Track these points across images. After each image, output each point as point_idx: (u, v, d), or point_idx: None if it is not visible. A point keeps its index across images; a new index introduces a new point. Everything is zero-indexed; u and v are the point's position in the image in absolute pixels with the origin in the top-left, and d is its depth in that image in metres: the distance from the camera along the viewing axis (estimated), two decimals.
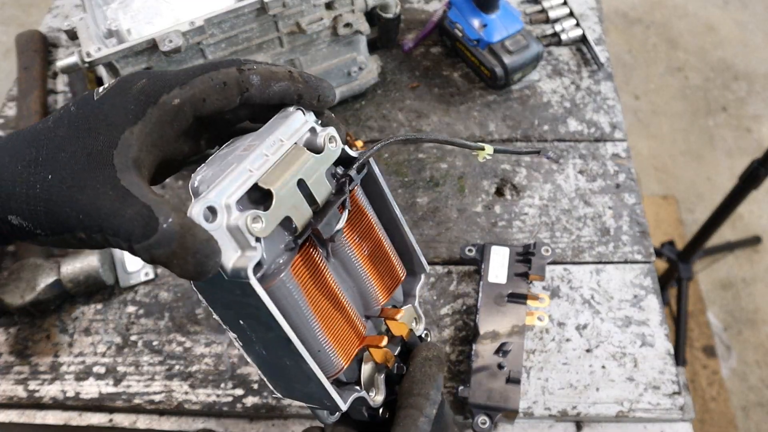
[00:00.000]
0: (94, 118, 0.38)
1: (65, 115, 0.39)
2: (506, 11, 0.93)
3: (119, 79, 0.40)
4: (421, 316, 0.49)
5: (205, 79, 0.40)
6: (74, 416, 0.72)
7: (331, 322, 0.42)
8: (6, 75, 2.51)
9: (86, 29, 0.73)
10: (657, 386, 0.70)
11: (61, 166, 0.37)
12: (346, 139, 0.44)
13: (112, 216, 0.36)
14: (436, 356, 0.44)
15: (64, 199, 0.36)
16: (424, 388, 0.42)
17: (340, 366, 0.42)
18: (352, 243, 0.44)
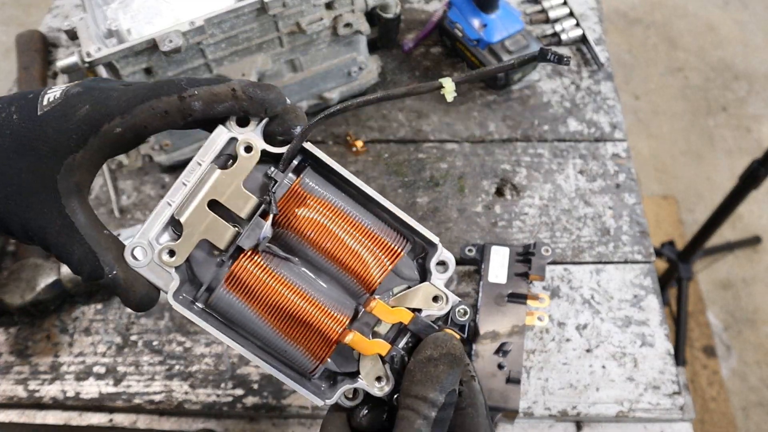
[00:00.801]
0: (37, 138, 0.40)
1: (7, 121, 0.40)
2: (506, 11, 0.93)
3: (64, 98, 0.40)
4: (445, 293, 0.44)
5: (146, 108, 0.40)
6: (74, 416, 0.72)
7: (289, 324, 0.42)
8: (6, 75, 2.51)
9: (86, 29, 0.73)
10: (657, 386, 0.70)
11: (7, 179, 0.39)
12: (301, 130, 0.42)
13: (60, 247, 0.40)
14: (445, 354, 0.40)
15: (11, 213, 0.40)
16: (423, 390, 0.39)
17: (310, 365, 0.43)
18: (310, 239, 0.43)
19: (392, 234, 0.45)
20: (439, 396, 0.39)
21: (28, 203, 0.40)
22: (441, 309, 0.44)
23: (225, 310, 0.43)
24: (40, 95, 0.41)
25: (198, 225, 0.41)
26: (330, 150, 0.91)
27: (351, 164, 0.89)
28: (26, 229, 0.40)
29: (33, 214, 0.40)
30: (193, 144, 0.87)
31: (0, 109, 0.40)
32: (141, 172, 0.90)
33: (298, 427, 0.71)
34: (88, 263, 0.40)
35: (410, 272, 0.45)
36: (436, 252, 0.44)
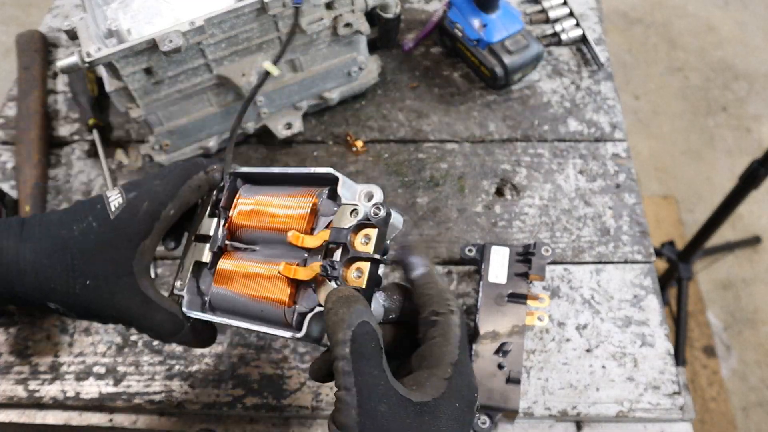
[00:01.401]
0: (116, 237, 0.50)
1: (89, 229, 0.50)
2: (506, 11, 0.93)
3: (126, 201, 0.52)
4: (354, 204, 0.49)
5: (185, 188, 0.54)
6: (74, 416, 0.72)
7: (258, 289, 0.51)
8: (6, 75, 2.51)
9: (86, 29, 0.73)
10: (657, 386, 0.70)
11: (94, 274, 0.49)
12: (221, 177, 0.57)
13: (142, 318, 0.51)
14: (336, 300, 0.43)
15: (99, 302, 0.50)
16: (332, 336, 0.42)
17: (283, 314, 0.50)
18: (249, 224, 0.54)
19: (304, 190, 0.53)
20: (347, 331, 0.41)
21: (113, 290, 0.50)
22: (356, 217, 0.48)
23: (220, 302, 0.53)
24: (105, 203, 0.52)
25: (189, 257, 0.56)
26: (330, 150, 0.91)
27: (351, 164, 0.89)
28: (114, 311, 0.51)
29: (119, 297, 0.50)
30: (192, 144, 0.87)
31: (80, 221, 0.51)
32: (141, 172, 0.90)
33: (298, 427, 0.71)
34: (168, 323, 0.52)
35: (332, 209, 0.51)
36: (339, 182, 0.50)
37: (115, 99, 0.78)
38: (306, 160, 0.90)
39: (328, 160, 0.89)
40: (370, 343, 0.42)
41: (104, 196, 0.52)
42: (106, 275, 0.50)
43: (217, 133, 0.88)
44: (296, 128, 0.89)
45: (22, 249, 0.49)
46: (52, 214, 0.52)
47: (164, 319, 0.52)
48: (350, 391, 0.40)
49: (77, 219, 0.51)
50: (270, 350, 0.74)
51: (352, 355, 0.41)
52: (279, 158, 0.90)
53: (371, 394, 0.40)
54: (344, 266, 0.47)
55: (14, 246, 0.49)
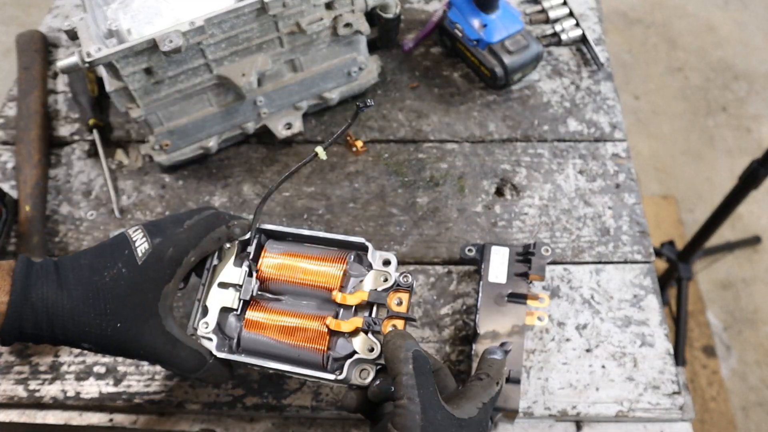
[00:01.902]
0: (143, 281, 0.55)
1: (119, 275, 0.55)
2: (506, 11, 0.93)
3: (152, 247, 0.56)
4: (386, 271, 0.58)
5: (207, 239, 0.59)
6: (75, 416, 0.72)
7: (293, 335, 0.58)
8: (6, 75, 2.51)
9: (86, 29, 0.73)
10: (657, 386, 0.70)
11: (125, 317, 0.54)
12: (247, 226, 0.63)
13: (167, 355, 0.57)
14: (393, 336, 0.53)
15: (129, 341, 0.55)
16: (394, 357, 0.51)
17: (319, 358, 0.58)
18: (278, 281, 0.61)
19: (335, 251, 0.61)
20: (408, 353, 0.50)
21: (142, 331, 0.55)
22: (388, 282, 0.58)
23: (252, 345, 0.60)
24: (132, 248, 0.56)
25: (216, 302, 0.61)
26: (330, 150, 0.91)
27: (351, 164, 0.89)
28: (142, 349, 0.56)
29: (147, 337, 0.55)
30: (192, 144, 0.87)
31: (110, 267, 0.55)
32: (141, 172, 0.90)
33: (298, 427, 0.71)
34: (192, 360, 0.57)
35: (360, 271, 0.60)
36: (369, 251, 0.59)
37: (115, 99, 0.78)
38: None
39: (329, 161, 0.89)
40: (426, 364, 0.51)
41: (130, 240, 0.57)
42: (135, 317, 0.55)
43: (217, 133, 0.88)
44: (296, 128, 0.89)
45: (61, 297, 0.53)
46: (83, 257, 0.56)
47: (188, 356, 0.57)
48: (413, 400, 0.48)
49: (108, 265, 0.55)
50: None
51: (415, 371, 0.49)
52: (279, 158, 0.90)
53: (431, 404, 0.48)
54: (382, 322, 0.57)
55: (54, 293, 0.53)
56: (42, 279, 0.54)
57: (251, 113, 0.88)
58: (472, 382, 0.55)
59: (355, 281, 0.60)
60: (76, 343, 0.55)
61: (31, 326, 0.53)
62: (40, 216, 0.85)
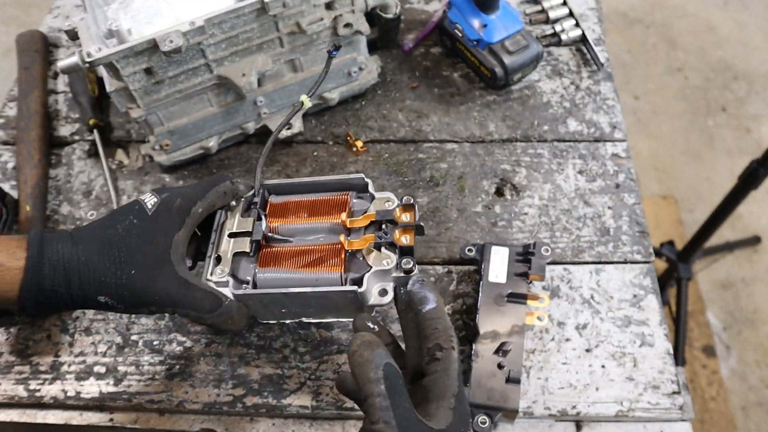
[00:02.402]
0: (153, 230, 0.58)
1: (131, 226, 0.58)
2: (506, 11, 0.93)
3: (160, 200, 0.60)
4: (389, 197, 0.63)
5: (213, 192, 0.63)
6: (75, 416, 0.72)
7: (309, 263, 0.62)
8: (6, 75, 2.51)
9: (87, 29, 0.73)
10: (656, 386, 0.70)
11: (138, 265, 0.57)
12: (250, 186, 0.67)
13: (182, 297, 0.58)
14: (360, 344, 0.48)
15: (144, 288, 0.57)
16: (364, 375, 0.46)
17: (338, 277, 0.60)
18: (286, 222, 0.65)
19: (335, 192, 0.66)
20: (378, 371, 0.46)
21: (155, 276, 0.57)
22: (391, 203, 0.63)
23: (269, 282, 0.62)
24: (143, 203, 0.60)
25: (228, 250, 0.63)
26: (330, 150, 0.91)
27: (351, 164, 0.89)
28: (157, 295, 0.57)
29: (160, 282, 0.57)
30: (193, 144, 0.87)
31: (122, 220, 0.58)
32: (141, 172, 0.90)
33: (298, 427, 0.71)
34: (207, 301, 0.59)
35: (362, 205, 0.65)
36: (369, 185, 0.65)
37: (115, 99, 0.78)
38: (306, 160, 0.90)
39: (329, 160, 0.89)
40: (398, 380, 0.47)
41: (140, 199, 0.60)
42: (149, 264, 0.57)
43: (217, 134, 0.88)
44: (296, 128, 0.89)
45: (76, 251, 0.56)
46: (95, 221, 0.60)
47: (203, 296, 0.58)
48: (390, 423, 0.44)
49: (119, 219, 0.58)
50: (270, 350, 0.74)
51: (388, 391, 0.45)
52: (279, 158, 0.90)
53: (408, 426, 0.45)
54: (394, 233, 0.60)
55: (69, 249, 0.56)
56: (56, 239, 0.56)
57: (251, 113, 0.88)
58: (430, 367, 0.51)
59: (360, 213, 0.64)
60: (93, 299, 0.56)
61: (50, 282, 0.55)
62: (41, 216, 0.85)
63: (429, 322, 0.53)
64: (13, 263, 0.54)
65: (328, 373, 0.72)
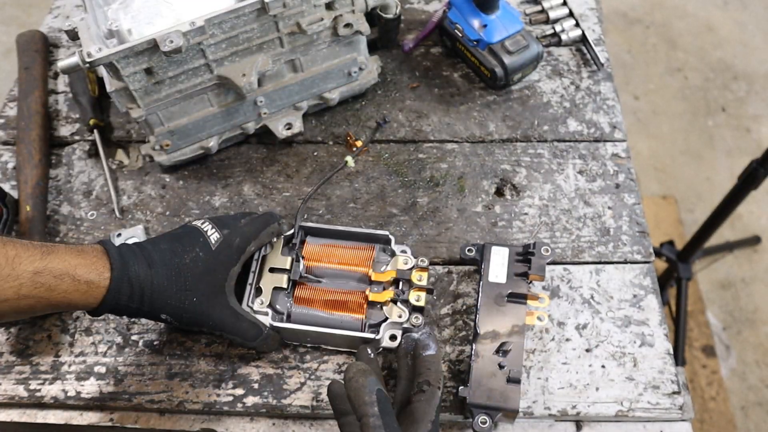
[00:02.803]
0: (215, 263, 0.67)
1: (197, 258, 0.65)
2: (506, 11, 0.93)
3: (223, 237, 0.68)
4: (408, 257, 0.74)
5: (264, 233, 0.72)
6: (75, 416, 0.72)
7: (336, 306, 0.72)
8: (6, 75, 2.51)
9: (87, 29, 0.73)
10: (656, 386, 0.71)
11: (200, 293, 0.65)
12: (284, 228, 0.76)
13: (232, 326, 0.67)
14: (356, 372, 0.57)
15: (202, 313, 0.66)
16: (359, 399, 0.54)
17: (358, 323, 0.71)
18: (320, 265, 0.75)
19: (364, 244, 0.76)
20: (372, 395, 0.54)
21: (213, 304, 0.66)
22: (408, 264, 0.73)
23: (302, 317, 0.72)
24: (206, 237, 0.67)
25: (268, 284, 0.73)
26: (330, 150, 0.91)
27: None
28: (211, 320, 0.66)
29: (216, 310, 0.66)
30: (193, 144, 0.87)
31: (189, 251, 0.66)
32: (141, 173, 0.90)
33: (298, 427, 0.71)
34: (252, 330, 0.68)
35: (383, 258, 0.75)
36: (392, 241, 0.75)
37: (115, 99, 0.78)
38: (306, 160, 0.90)
39: (329, 160, 0.90)
40: (388, 404, 0.55)
41: (202, 231, 0.68)
42: (208, 293, 0.65)
43: (217, 134, 0.88)
44: (296, 128, 0.89)
45: (150, 275, 0.63)
46: (161, 243, 0.66)
47: (248, 327, 0.68)
48: None
49: (187, 249, 0.65)
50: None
51: (380, 413, 0.53)
52: (279, 158, 0.90)
53: None
54: (408, 293, 0.72)
55: (145, 272, 0.62)
56: (133, 259, 0.63)
57: (251, 113, 0.88)
58: (416, 397, 0.61)
59: (381, 265, 0.74)
60: (157, 315, 0.64)
61: (126, 299, 0.62)
62: (41, 216, 0.85)
63: (425, 364, 0.64)
64: (101, 282, 0.60)
65: (328, 373, 0.72)
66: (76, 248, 0.61)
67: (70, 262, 0.59)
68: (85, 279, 0.59)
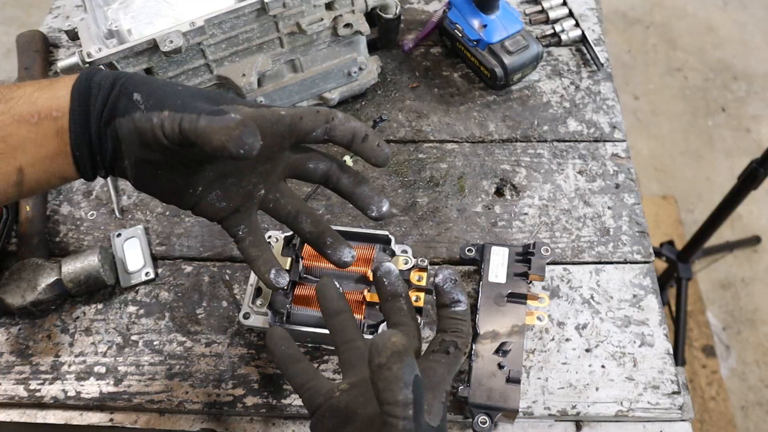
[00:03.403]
0: (226, 96, 0.53)
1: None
2: (506, 11, 0.93)
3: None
4: (407, 256, 0.73)
5: (304, 105, 0.56)
6: (75, 416, 0.72)
7: None
8: (7, 75, 2.51)
9: (87, 30, 0.73)
10: (656, 386, 0.71)
11: (190, 89, 0.51)
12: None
13: (197, 108, 0.48)
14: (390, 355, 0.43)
15: (175, 95, 0.50)
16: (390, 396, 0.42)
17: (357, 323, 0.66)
18: (319, 266, 0.73)
19: (364, 244, 0.75)
20: (407, 392, 0.41)
21: (192, 99, 0.50)
22: (408, 264, 0.72)
23: (299, 319, 0.71)
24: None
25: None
26: (330, 150, 0.91)
27: (351, 164, 0.89)
28: (185, 110, 0.48)
29: (194, 107, 0.49)
30: None
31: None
32: None
33: (298, 427, 0.71)
34: (218, 111, 0.48)
35: (383, 258, 0.74)
36: (392, 241, 0.74)
37: None
38: None
39: None
40: (422, 397, 0.44)
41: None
42: (193, 94, 0.51)
43: None
44: None
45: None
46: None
47: (219, 110, 0.49)
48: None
49: None
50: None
51: (415, 415, 0.42)
52: None
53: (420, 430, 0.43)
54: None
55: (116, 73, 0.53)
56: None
57: None
58: (437, 356, 0.51)
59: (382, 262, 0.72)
60: (128, 96, 0.50)
61: (96, 87, 0.50)
62: (41, 216, 0.85)
63: (454, 321, 0.54)
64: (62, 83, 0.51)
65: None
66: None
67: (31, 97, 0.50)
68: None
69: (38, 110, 0.50)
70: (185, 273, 0.81)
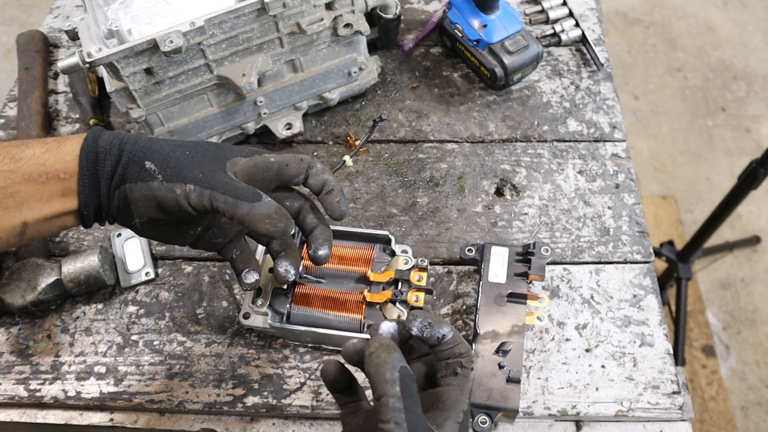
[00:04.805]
0: (223, 148, 0.59)
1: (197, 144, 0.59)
2: (506, 12, 0.93)
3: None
4: (408, 257, 0.73)
5: (290, 154, 0.61)
6: (75, 416, 0.72)
7: (335, 306, 0.72)
8: (7, 75, 2.52)
9: (87, 30, 0.73)
10: (656, 386, 0.71)
11: (195, 151, 0.57)
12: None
13: (224, 184, 0.55)
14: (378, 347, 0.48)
15: (190, 162, 0.56)
16: (379, 374, 0.46)
17: (356, 323, 0.71)
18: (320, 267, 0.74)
19: (362, 243, 0.76)
20: (394, 372, 0.46)
21: (204, 163, 0.56)
22: (408, 264, 0.72)
23: (300, 316, 0.71)
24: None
25: (268, 284, 0.72)
26: (330, 150, 0.91)
27: (351, 164, 0.89)
28: (200, 172, 0.55)
29: (207, 166, 0.56)
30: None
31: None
32: None
33: (298, 427, 0.71)
34: (249, 191, 0.55)
35: (383, 258, 0.75)
36: (392, 241, 0.75)
37: (115, 99, 0.78)
38: None
39: (329, 160, 0.90)
40: (412, 384, 0.47)
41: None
42: (203, 155, 0.57)
43: (217, 134, 0.88)
44: (296, 128, 0.89)
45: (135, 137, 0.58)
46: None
47: (245, 188, 0.55)
48: (401, 425, 0.44)
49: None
50: (270, 350, 0.74)
51: (402, 394, 0.45)
52: None
53: (417, 430, 0.45)
54: (408, 293, 0.71)
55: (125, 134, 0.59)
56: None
57: (251, 113, 0.88)
58: (447, 380, 0.52)
59: (381, 265, 0.74)
60: (140, 163, 0.55)
61: (104, 147, 0.56)
62: None
63: (450, 350, 0.53)
64: (72, 142, 0.56)
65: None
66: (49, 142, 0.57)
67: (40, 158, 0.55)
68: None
69: (46, 171, 0.55)
70: (185, 273, 0.81)
